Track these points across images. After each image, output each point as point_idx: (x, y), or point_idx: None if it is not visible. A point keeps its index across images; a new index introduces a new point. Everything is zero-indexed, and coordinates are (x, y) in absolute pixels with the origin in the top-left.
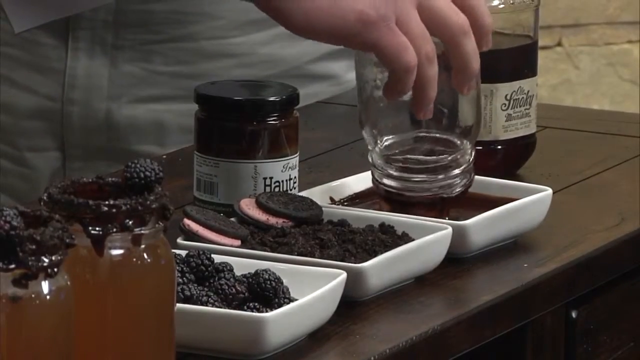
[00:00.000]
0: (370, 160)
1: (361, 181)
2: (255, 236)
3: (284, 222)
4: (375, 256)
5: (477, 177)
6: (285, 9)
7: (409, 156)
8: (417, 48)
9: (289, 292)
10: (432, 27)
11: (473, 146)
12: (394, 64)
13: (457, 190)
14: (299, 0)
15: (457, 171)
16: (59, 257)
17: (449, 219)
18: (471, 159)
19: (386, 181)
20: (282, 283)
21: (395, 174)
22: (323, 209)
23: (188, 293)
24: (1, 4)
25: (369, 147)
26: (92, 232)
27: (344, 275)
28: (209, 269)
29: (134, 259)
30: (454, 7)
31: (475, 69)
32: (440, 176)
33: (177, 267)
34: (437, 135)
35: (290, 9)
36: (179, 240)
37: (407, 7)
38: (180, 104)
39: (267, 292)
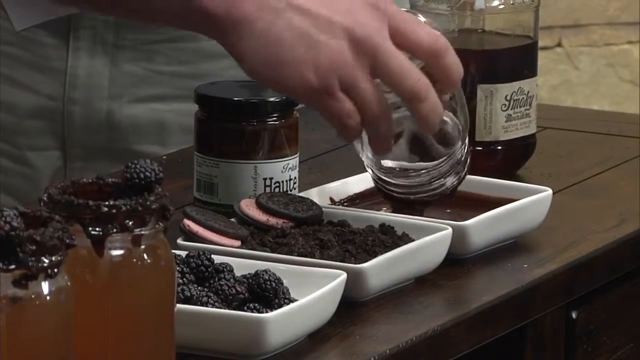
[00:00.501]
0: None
1: (361, 182)
2: (256, 237)
3: (284, 222)
4: (375, 257)
5: (477, 177)
6: (244, 58)
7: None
8: (366, 114)
9: (289, 293)
10: (389, 87)
11: (465, 144)
12: (337, 127)
13: (452, 185)
14: (252, 54)
15: (450, 177)
16: (59, 258)
17: (449, 214)
18: (463, 157)
19: (382, 177)
20: (282, 284)
21: (388, 179)
22: (323, 209)
23: (188, 293)
24: (2, 2)
25: (359, 153)
26: (92, 232)
27: (344, 275)
28: (209, 269)
29: (134, 260)
30: (408, 68)
31: (434, 126)
32: (434, 180)
33: (177, 268)
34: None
35: (248, 60)
36: (179, 241)
37: (354, 72)
38: (181, 104)
39: (267, 293)
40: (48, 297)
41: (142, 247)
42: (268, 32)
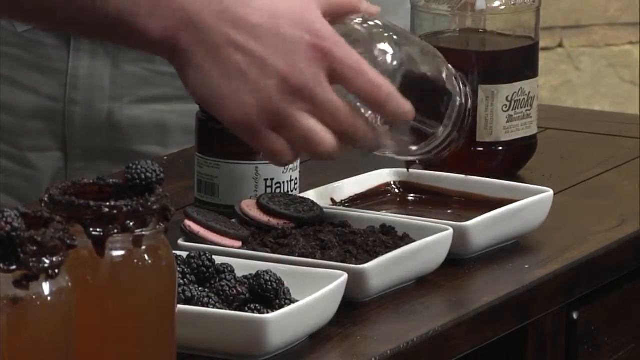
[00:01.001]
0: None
1: (362, 182)
2: (256, 237)
3: (285, 223)
4: (376, 257)
5: (477, 178)
6: (186, 84)
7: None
8: (295, 151)
9: (290, 293)
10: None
11: (466, 95)
12: (271, 161)
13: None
14: (189, 84)
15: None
16: (59, 258)
17: (450, 215)
18: (463, 104)
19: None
20: (283, 284)
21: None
22: (324, 210)
23: (189, 294)
24: None
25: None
26: (93, 233)
27: (345, 276)
28: (210, 270)
29: (135, 260)
30: (342, 115)
31: (374, 143)
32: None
33: (178, 268)
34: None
35: (189, 87)
36: (180, 242)
37: (283, 112)
38: (182, 104)
39: (268, 293)
40: (49, 298)
41: (143, 247)
42: (202, 66)
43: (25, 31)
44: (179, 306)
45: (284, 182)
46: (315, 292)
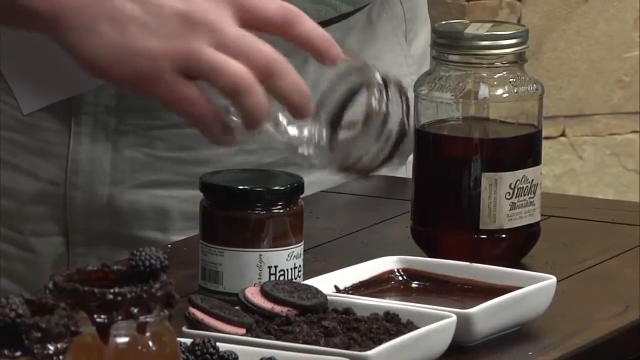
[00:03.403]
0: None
1: (366, 270)
2: (260, 324)
3: (288, 310)
4: (380, 344)
5: (481, 265)
6: (74, 54)
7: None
8: (221, 89)
9: None
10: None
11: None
12: (186, 119)
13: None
14: (79, 50)
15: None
16: (64, 345)
17: (453, 302)
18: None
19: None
20: None
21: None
22: (328, 297)
23: None
24: (9, 86)
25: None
26: (98, 320)
27: None
28: (214, 357)
29: (139, 347)
30: (258, 44)
31: (303, 104)
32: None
33: (182, 356)
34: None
35: (77, 56)
36: (184, 329)
37: (190, 50)
38: (182, 190)
39: None
40: None
41: (147, 334)
42: (94, 22)
43: (26, 115)
44: None
45: (287, 270)
46: None
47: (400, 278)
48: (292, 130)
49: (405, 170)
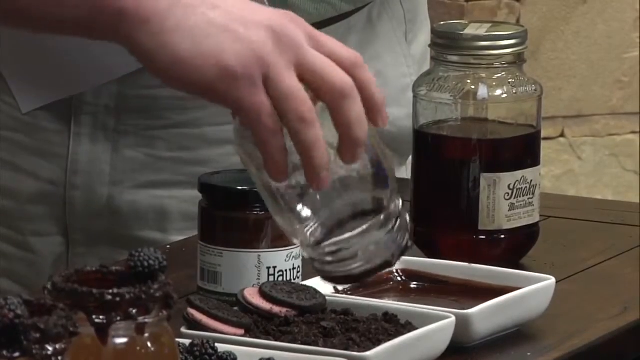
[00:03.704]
0: (305, 255)
1: None
2: (259, 325)
3: (287, 311)
4: (379, 345)
5: (480, 266)
6: (153, 56)
7: (336, 239)
8: (286, 110)
9: None
10: (312, 89)
11: (395, 197)
12: (254, 126)
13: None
14: (163, 49)
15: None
16: (63, 346)
17: (452, 303)
18: (396, 219)
19: (329, 268)
20: None
21: (331, 259)
22: (327, 298)
23: None
24: (8, 85)
25: (296, 242)
26: (96, 320)
27: None
28: (213, 358)
29: (138, 348)
30: (338, 69)
31: (359, 138)
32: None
33: (181, 356)
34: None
35: (157, 58)
36: (183, 330)
37: (279, 65)
38: (182, 190)
39: None
40: None
41: (146, 335)
42: (181, 26)
43: (26, 115)
44: None
45: (286, 270)
46: None
47: (399, 279)
48: (301, 208)
49: (405, 170)
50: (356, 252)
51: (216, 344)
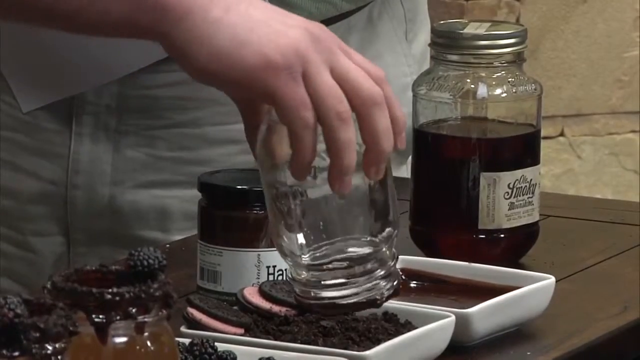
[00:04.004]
0: (290, 276)
1: None
2: (259, 324)
3: (287, 310)
4: (378, 344)
5: (479, 265)
6: (190, 50)
7: (336, 263)
8: (324, 107)
9: None
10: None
11: (392, 248)
12: (290, 119)
13: (386, 293)
14: (202, 42)
15: (381, 273)
16: (62, 345)
17: (452, 302)
18: (393, 261)
19: (315, 293)
20: None
21: (329, 282)
22: None
23: None
24: (9, 84)
25: (288, 262)
26: (96, 320)
27: None
28: (213, 357)
29: (138, 347)
30: (369, 78)
31: (385, 150)
32: (365, 281)
33: (181, 356)
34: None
35: (194, 51)
36: (183, 329)
37: (317, 63)
38: (183, 190)
39: None
40: None
41: (146, 334)
42: (223, 19)
43: (27, 115)
44: None
45: (286, 270)
46: None
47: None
48: (303, 223)
49: (405, 169)
50: (347, 279)
51: (216, 343)
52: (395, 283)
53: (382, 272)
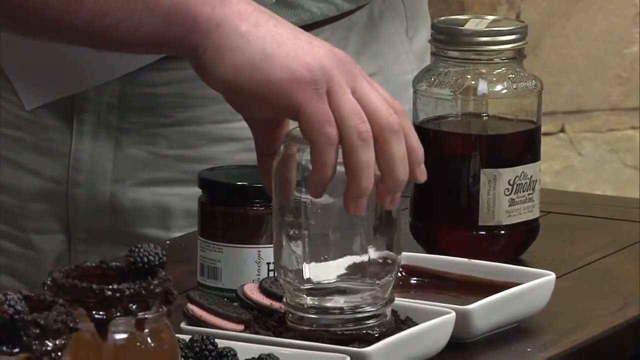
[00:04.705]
0: (288, 300)
1: None
2: (259, 321)
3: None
4: (379, 340)
5: (480, 262)
6: (217, 62)
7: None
8: (347, 126)
9: None
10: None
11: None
12: (314, 134)
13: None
14: (230, 54)
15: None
16: (62, 342)
17: (452, 298)
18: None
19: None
20: None
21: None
22: None
23: None
24: (11, 82)
25: (288, 285)
26: (96, 316)
27: (347, 359)
28: (213, 353)
29: (138, 344)
30: (389, 107)
31: (401, 178)
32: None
33: (181, 352)
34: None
35: (222, 63)
36: (183, 325)
37: (341, 83)
38: (184, 188)
39: None
40: None
41: (146, 331)
42: (252, 33)
43: (28, 113)
44: None
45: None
46: None
47: (399, 274)
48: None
49: None
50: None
51: (216, 340)
52: (386, 323)
53: (382, 310)
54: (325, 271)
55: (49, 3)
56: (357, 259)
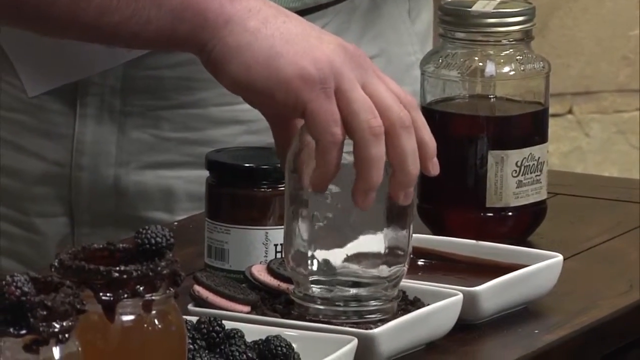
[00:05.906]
0: (295, 291)
1: (372, 243)
2: (266, 302)
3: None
4: (386, 322)
5: (487, 243)
6: (227, 59)
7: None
8: (357, 121)
9: (300, 358)
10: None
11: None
12: (319, 133)
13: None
14: (240, 51)
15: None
16: (69, 323)
17: (460, 280)
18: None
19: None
20: (293, 349)
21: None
22: None
23: (199, 359)
24: (15, 68)
25: (295, 275)
26: (103, 298)
27: (354, 341)
28: (220, 335)
29: (145, 325)
30: (399, 103)
31: (412, 172)
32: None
33: (188, 334)
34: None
35: (231, 60)
36: (190, 307)
37: (351, 78)
38: (188, 171)
39: (278, 358)
40: None
41: (153, 312)
42: (261, 30)
43: (32, 97)
44: None
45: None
46: (325, 356)
47: None
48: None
49: None
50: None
51: (223, 321)
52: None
53: (387, 307)
54: (334, 261)
55: (57, 0)
56: (367, 250)
